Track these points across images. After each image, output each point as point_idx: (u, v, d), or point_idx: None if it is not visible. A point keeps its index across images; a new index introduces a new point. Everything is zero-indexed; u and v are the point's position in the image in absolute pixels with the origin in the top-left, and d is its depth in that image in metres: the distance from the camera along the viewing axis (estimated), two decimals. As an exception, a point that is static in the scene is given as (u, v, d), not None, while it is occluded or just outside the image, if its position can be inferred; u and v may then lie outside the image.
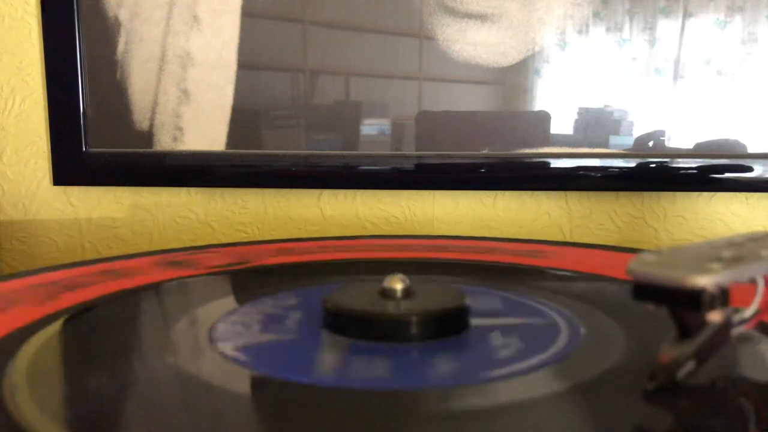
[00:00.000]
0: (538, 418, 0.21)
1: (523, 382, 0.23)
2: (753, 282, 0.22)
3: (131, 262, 0.42)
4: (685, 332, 0.22)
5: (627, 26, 0.53)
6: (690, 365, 0.22)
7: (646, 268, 0.21)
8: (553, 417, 0.21)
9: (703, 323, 0.21)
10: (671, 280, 0.20)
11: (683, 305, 0.21)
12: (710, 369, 0.23)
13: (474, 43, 0.54)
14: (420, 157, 0.55)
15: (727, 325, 0.22)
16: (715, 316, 0.21)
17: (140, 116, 0.57)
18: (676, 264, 0.21)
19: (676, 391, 0.22)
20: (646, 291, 0.21)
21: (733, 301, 0.22)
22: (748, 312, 0.23)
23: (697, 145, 0.53)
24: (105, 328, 0.31)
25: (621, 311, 0.31)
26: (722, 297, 0.21)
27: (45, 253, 0.60)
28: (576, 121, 0.54)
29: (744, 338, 0.25)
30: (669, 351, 0.22)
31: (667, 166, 0.53)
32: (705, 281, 0.20)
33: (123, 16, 0.56)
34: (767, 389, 0.23)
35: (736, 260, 0.21)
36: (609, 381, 0.24)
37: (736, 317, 0.22)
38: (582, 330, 0.28)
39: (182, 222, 0.59)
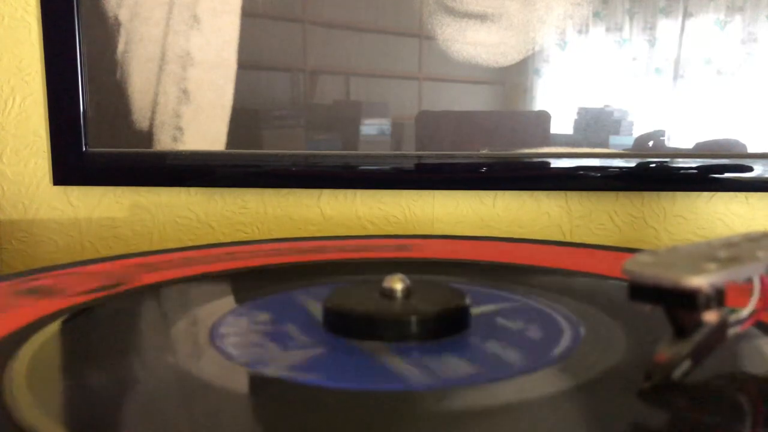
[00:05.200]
0: (537, 418, 0.21)
1: (523, 382, 0.23)
2: (749, 282, 0.22)
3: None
4: (681, 332, 0.22)
5: (627, 26, 0.53)
6: (686, 365, 0.22)
7: (642, 268, 0.21)
8: (553, 417, 0.21)
9: (699, 323, 0.21)
10: (667, 280, 0.20)
11: (679, 305, 0.21)
12: (707, 368, 0.23)
13: (474, 43, 0.54)
14: (420, 157, 0.55)
15: (723, 325, 0.22)
16: (710, 316, 0.21)
17: (140, 116, 0.57)
18: (671, 264, 0.21)
19: (673, 391, 0.22)
20: (641, 291, 0.21)
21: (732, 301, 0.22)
22: (745, 312, 0.23)
23: (697, 145, 0.53)
24: (105, 328, 0.31)
25: (621, 311, 0.31)
26: (718, 297, 0.21)
27: (45, 253, 0.60)
28: (576, 121, 0.54)
29: (740, 338, 0.25)
30: (665, 351, 0.22)
31: (667, 166, 0.53)
32: (700, 281, 0.20)
33: (123, 16, 0.56)
34: (764, 388, 0.23)
35: (732, 260, 0.21)
36: (608, 381, 0.24)
37: (733, 317, 0.22)
38: (582, 330, 0.29)
39: (182, 222, 0.59)
